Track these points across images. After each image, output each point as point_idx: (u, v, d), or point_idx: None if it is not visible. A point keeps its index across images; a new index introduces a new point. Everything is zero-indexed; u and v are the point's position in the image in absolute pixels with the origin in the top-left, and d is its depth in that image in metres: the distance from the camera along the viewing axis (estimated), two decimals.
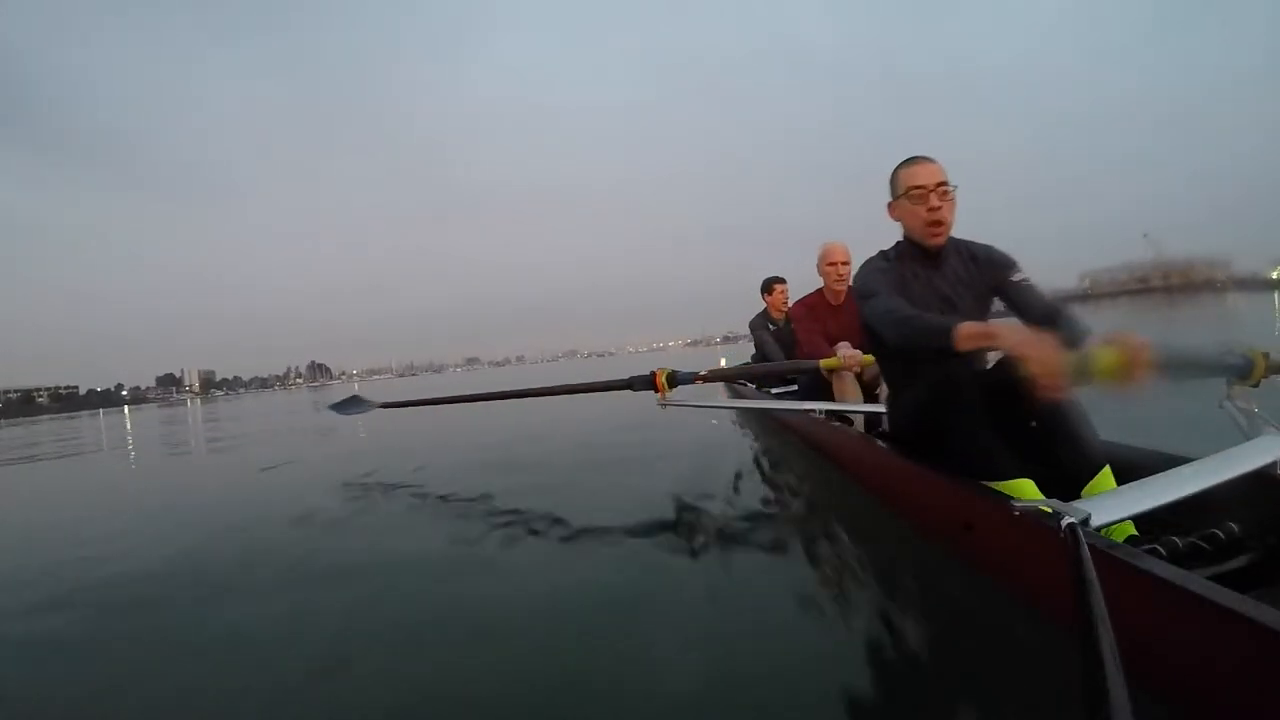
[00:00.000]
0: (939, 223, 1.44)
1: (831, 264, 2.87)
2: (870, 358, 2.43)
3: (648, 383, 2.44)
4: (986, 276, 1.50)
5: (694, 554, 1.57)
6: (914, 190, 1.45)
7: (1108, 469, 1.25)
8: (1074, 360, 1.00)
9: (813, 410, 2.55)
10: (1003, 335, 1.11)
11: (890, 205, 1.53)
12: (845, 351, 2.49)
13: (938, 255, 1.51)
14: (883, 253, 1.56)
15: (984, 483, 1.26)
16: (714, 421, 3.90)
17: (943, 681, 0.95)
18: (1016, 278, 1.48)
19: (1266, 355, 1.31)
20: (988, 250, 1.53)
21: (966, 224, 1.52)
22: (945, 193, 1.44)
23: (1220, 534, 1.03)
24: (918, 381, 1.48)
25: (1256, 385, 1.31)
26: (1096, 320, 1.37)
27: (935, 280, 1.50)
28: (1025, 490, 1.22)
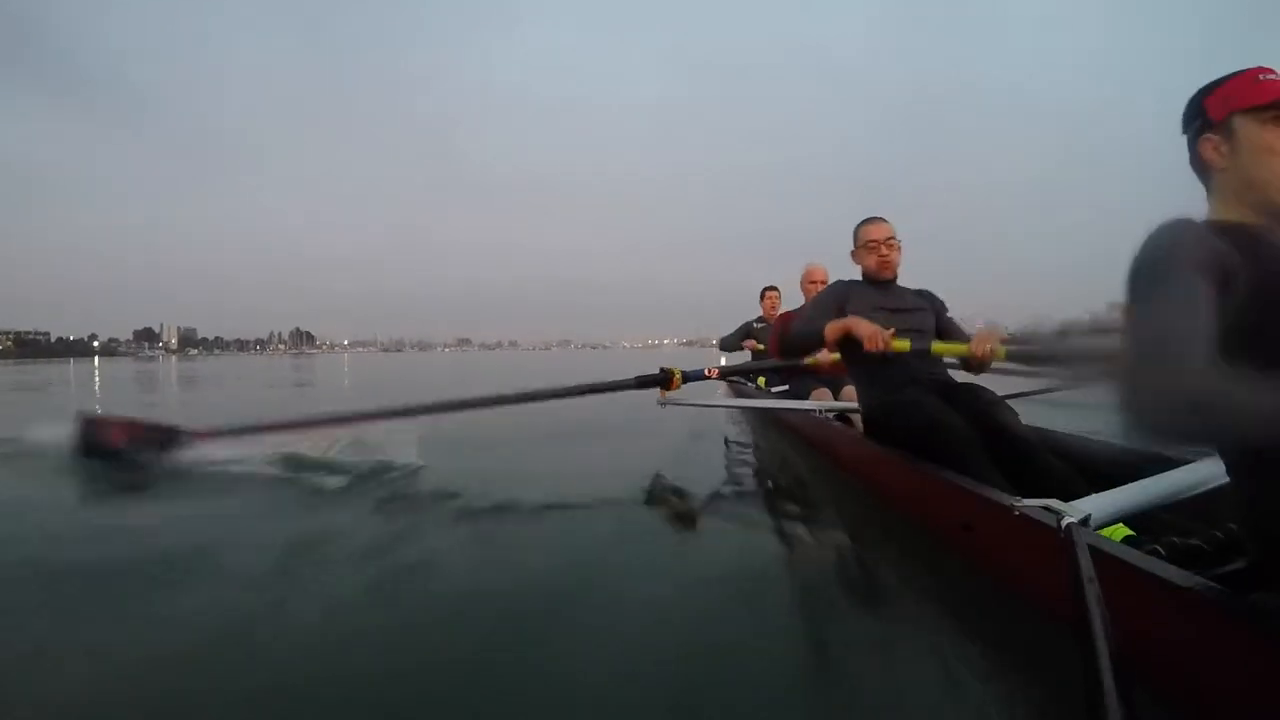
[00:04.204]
0: (887, 264, 2.00)
1: (812, 283, 3.31)
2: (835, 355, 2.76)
3: (659, 380, 2.54)
4: (930, 306, 2.04)
5: (692, 551, 1.58)
6: (870, 243, 2.00)
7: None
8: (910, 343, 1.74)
9: (813, 410, 2.60)
10: (852, 323, 1.78)
11: (852, 253, 2.09)
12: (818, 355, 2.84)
13: (887, 286, 2.03)
14: (844, 280, 2.09)
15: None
16: (714, 420, 3.93)
17: (942, 680, 0.96)
18: (946, 315, 2.04)
19: None
20: (928, 292, 2.11)
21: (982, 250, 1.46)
22: (892, 244, 2.00)
23: (1219, 535, 1.05)
24: (877, 383, 1.90)
25: None
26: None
27: (881, 299, 2.00)
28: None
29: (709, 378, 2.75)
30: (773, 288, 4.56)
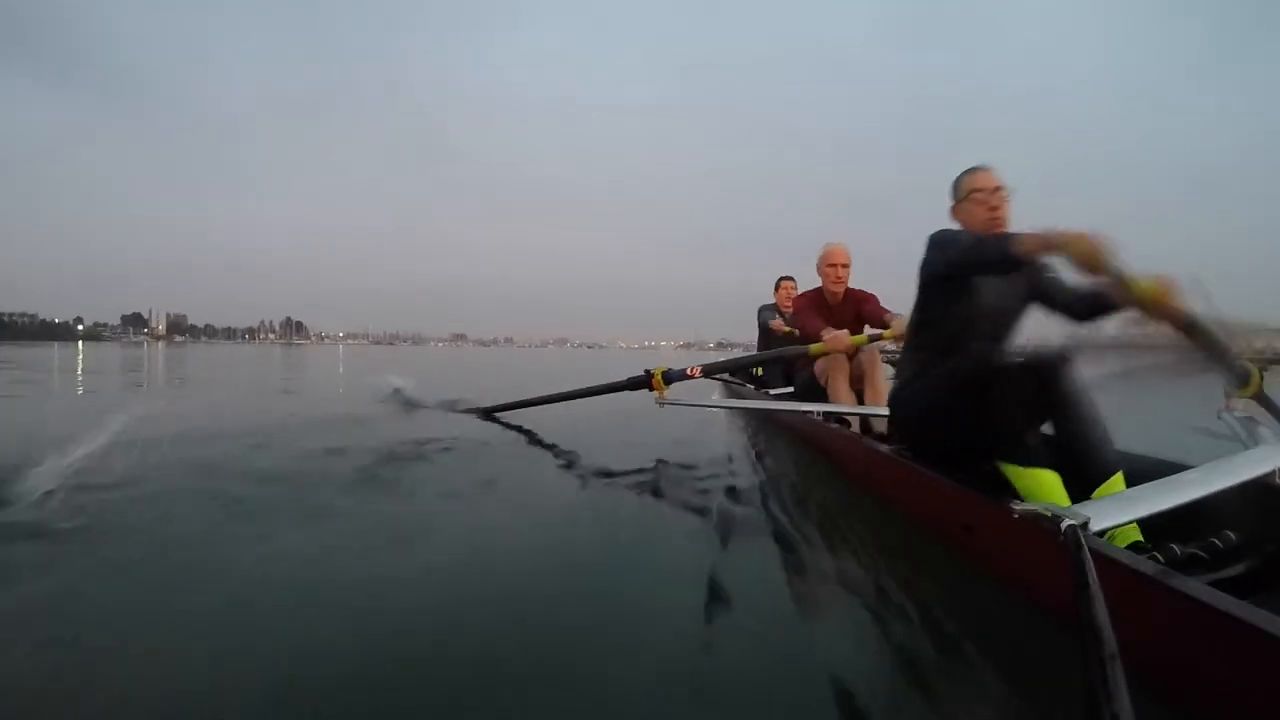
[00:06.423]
0: (997, 221, 1.60)
1: (831, 265, 2.99)
2: (862, 337, 2.72)
3: (643, 382, 2.74)
4: (1027, 277, 1.65)
5: (690, 548, 1.57)
6: (976, 194, 1.63)
7: (1120, 475, 1.30)
8: (1114, 263, 1.10)
9: (810, 412, 2.61)
10: (1054, 235, 1.20)
11: (953, 208, 1.71)
12: (830, 333, 2.69)
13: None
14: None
15: (1005, 465, 1.32)
16: (713, 421, 3.94)
17: (942, 682, 0.96)
18: (1048, 275, 1.65)
19: (1263, 370, 1.41)
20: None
21: None
22: (1002, 196, 1.63)
23: (1218, 542, 1.07)
24: (938, 368, 1.58)
25: (1254, 397, 1.42)
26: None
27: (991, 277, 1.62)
28: (1046, 481, 1.26)
29: (690, 377, 2.82)
30: (788, 278, 4.66)
